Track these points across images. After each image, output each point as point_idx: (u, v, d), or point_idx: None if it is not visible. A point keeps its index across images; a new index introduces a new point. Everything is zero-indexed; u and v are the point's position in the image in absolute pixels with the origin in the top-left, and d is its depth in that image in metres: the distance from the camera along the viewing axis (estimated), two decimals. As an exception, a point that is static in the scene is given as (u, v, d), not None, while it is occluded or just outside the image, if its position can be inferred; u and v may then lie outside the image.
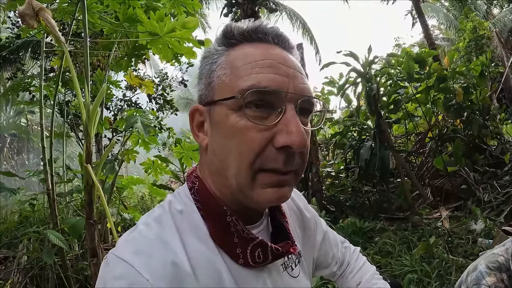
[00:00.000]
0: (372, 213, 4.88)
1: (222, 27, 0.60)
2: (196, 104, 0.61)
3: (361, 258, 0.95)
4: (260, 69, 0.53)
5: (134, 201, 6.67)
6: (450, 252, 3.35)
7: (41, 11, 1.88)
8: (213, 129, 0.57)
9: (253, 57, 0.55)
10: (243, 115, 0.52)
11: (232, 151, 0.53)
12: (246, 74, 0.53)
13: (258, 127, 0.52)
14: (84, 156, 1.53)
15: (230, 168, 0.54)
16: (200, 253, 0.54)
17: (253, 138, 0.52)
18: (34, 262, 2.87)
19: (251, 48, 0.57)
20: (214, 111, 0.56)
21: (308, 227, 0.80)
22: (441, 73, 4.95)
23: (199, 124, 0.61)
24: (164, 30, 1.76)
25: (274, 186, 0.53)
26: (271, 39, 0.58)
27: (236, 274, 0.56)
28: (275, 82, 0.53)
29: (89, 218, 1.53)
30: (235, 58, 0.56)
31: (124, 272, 0.49)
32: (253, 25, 0.58)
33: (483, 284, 1.40)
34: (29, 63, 6.36)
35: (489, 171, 5.00)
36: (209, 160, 0.59)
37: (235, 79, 0.54)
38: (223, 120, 0.54)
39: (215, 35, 0.62)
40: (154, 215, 0.58)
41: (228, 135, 0.54)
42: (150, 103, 6.67)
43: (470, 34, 8.72)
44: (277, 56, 0.56)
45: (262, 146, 0.52)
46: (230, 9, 8.79)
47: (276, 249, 0.59)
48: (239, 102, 0.52)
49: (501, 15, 12.47)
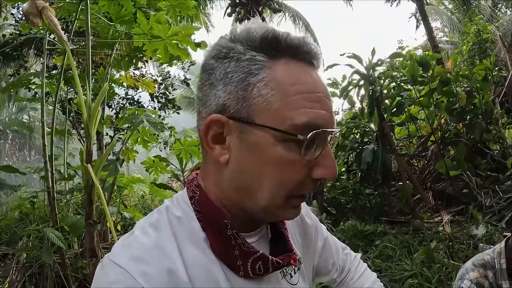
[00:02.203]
0: (373, 216, 4.86)
1: (265, 30, 0.52)
2: (216, 114, 0.52)
3: (362, 265, 0.94)
4: (312, 104, 0.51)
5: (135, 200, 6.67)
6: (451, 257, 3.34)
7: (45, 9, 1.88)
8: (245, 149, 0.53)
9: (304, 86, 0.52)
10: (292, 149, 0.51)
11: (271, 178, 0.52)
12: (299, 107, 0.50)
13: (302, 161, 0.52)
14: (85, 156, 1.52)
15: (263, 192, 0.53)
16: (198, 261, 0.53)
17: (298, 171, 0.52)
18: (33, 260, 2.87)
19: (299, 71, 0.53)
20: (252, 132, 0.51)
21: (309, 234, 0.79)
22: (445, 77, 4.93)
23: (217, 136, 0.54)
24: (168, 33, 1.77)
25: (297, 207, 0.57)
26: (310, 59, 0.55)
27: (234, 284, 0.55)
28: (324, 121, 0.52)
29: (89, 218, 1.53)
30: (285, 79, 0.51)
31: (119, 278, 0.48)
32: (298, 39, 0.53)
33: (466, 279, 1.50)
34: (32, 60, 6.38)
35: (491, 176, 4.97)
36: (228, 176, 0.55)
37: (285, 108, 0.50)
38: (266, 147, 0.51)
39: (241, 33, 0.54)
40: (151, 220, 0.56)
41: (270, 162, 0.51)
42: (152, 101, 6.69)
43: (473, 37, 8.68)
44: (322, 88, 0.54)
45: (303, 179, 0.53)
46: (234, 9, 8.79)
47: (277, 262, 0.58)
48: (293, 138, 0.50)
49: (505, 19, 12.43)
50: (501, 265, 1.49)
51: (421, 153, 6.15)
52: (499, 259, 1.51)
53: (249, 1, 8.67)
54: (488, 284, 1.49)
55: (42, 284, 2.81)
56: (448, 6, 15.58)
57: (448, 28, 14.82)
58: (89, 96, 1.59)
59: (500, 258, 1.50)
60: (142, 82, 4.12)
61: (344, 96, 5.30)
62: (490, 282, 1.49)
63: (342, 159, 5.96)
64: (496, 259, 1.51)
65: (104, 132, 5.64)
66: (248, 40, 0.52)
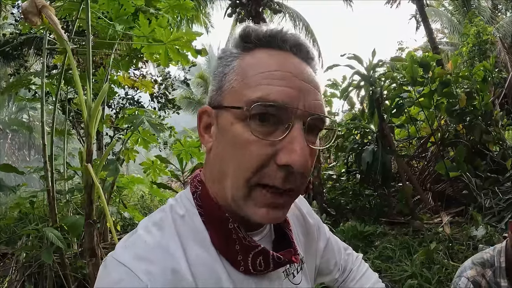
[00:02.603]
0: (372, 217, 4.86)
1: (240, 28, 0.57)
2: (205, 106, 0.59)
3: (363, 265, 0.94)
4: (271, 81, 0.50)
5: (134, 200, 6.66)
6: (450, 258, 3.34)
7: (44, 8, 1.87)
8: (219, 134, 0.55)
9: (267, 66, 0.52)
10: (248, 127, 0.50)
11: (231, 161, 0.52)
12: (256, 84, 0.51)
13: (261, 142, 0.49)
14: (85, 156, 1.51)
15: (227, 179, 0.52)
16: (201, 260, 0.53)
17: (254, 152, 0.50)
18: (33, 259, 2.86)
19: (267, 56, 0.54)
20: (221, 116, 0.54)
21: (311, 234, 0.79)
22: (445, 78, 4.94)
23: (207, 126, 0.58)
24: (170, 38, 1.77)
25: (268, 206, 0.51)
26: (289, 48, 0.55)
27: (236, 281, 0.55)
28: (285, 96, 0.50)
29: (88, 218, 1.52)
30: (248, 64, 0.54)
31: (123, 277, 0.48)
32: (271, 30, 0.55)
33: (463, 276, 1.54)
34: (32, 59, 6.38)
35: (491, 177, 4.97)
36: (211, 164, 0.57)
37: (244, 88, 0.52)
38: (228, 128, 0.53)
39: (233, 35, 0.59)
40: (155, 219, 0.56)
41: (230, 144, 0.52)
42: (152, 102, 6.68)
43: (473, 39, 8.69)
44: (293, 68, 0.53)
45: (262, 162, 0.50)
46: (234, 10, 8.80)
47: (277, 257, 0.57)
48: (244, 113, 0.50)
49: (505, 21, 12.44)
50: (500, 263, 1.52)
51: (420, 154, 6.15)
52: (499, 257, 1.54)
53: (249, 1, 8.68)
54: (485, 282, 1.52)
55: (41, 283, 2.80)
56: (448, 7, 15.60)
57: (448, 30, 14.84)
58: (89, 96, 1.59)
59: (500, 257, 1.54)
60: (140, 82, 4.11)
61: (344, 97, 5.30)
62: (488, 280, 1.51)
63: (342, 160, 5.96)
64: (496, 257, 1.54)
65: (103, 132, 5.63)
66: (232, 39, 0.58)
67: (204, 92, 20.20)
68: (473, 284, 1.51)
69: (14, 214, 4.80)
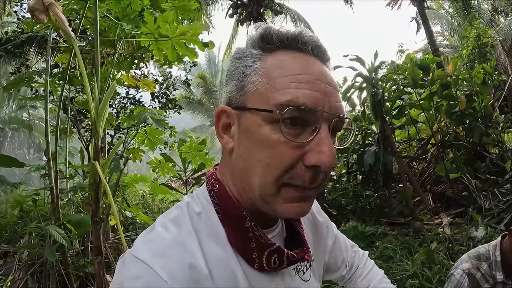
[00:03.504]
0: (373, 218, 4.88)
1: (260, 29, 0.57)
2: (223, 105, 0.59)
3: (369, 262, 0.95)
4: (298, 84, 0.52)
5: (135, 199, 6.67)
6: (451, 258, 3.35)
7: (51, 6, 1.88)
8: (241, 134, 0.56)
9: (292, 70, 0.53)
10: (277, 129, 0.51)
11: (260, 161, 0.53)
12: (283, 88, 0.52)
13: (291, 143, 0.51)
14: (92, 153, 1.52)
15: (256, 178, 0.54)
16: (217, 256, 0.54)
17: (284, 153, 0.51)
18: (35, 258, 2.86)
19: (289, 58, 0.55)
20: (245, 117, 0.55)
21: (320, 232, 0.80)
22: (445, 80, 4.96)
23: (225, 126, 0.59)
24: (176, 33, 1.78)
25: (297, 201, 0.54)
26: (310, 50, 0.56)
27: (250, 277, 0.56)
28: (312, 100, 0.52)
29: (95, 216, 1.53)
30: (272, 66, 0.55)
31: (142, 273, 0.48)
32: (293, 32, 0.56)
33: (459, 268, 1.60)
34: (34, 58, 6.37)
35: (490, 179, 4.99)
36: (233, 164, 0.58)
37: (271, 90, 0.53)
38: (255, 129, 0.53)
39: (249, 35, 0.59)
40: (171, 216, 0.57)
41: (258, 145, 0.53)
42: (153, 101, 6.68)
43: (473, 41, 8.71)
44: (316, 71, 0.54)
45: (292, 163, 0.51)
46: (235, 10, 8.82)
47: (292, 255, 0.59)
48: (275, 117, 0.51)
49: (505, 24, 12.48)
50: (496, 257, 1.58)
51: (421, 156, 6.17)
52: (494, 251, 1.59)
53: (250, 2, 8.70)
54: (480, 275, 1.57)
55: (44, 282, 2.80)
56: (449, 10, 15.64)
57: (448, 32, 14.88)
58: (97, 94, 1.60)
59: (496, 251, 1.59)
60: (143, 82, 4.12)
61: (346, 99, 5.32)
62: (483, 273, 1.57)
63: (343, 161, 5.97)
64: (491, 252, 1.59)
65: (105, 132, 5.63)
66: (251, 40, 0.58)
67: (204, 92, 20.20)
68: (468, 275, 1.56)
69: (15, 212, 4.79)
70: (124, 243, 1.55)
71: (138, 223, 4.11)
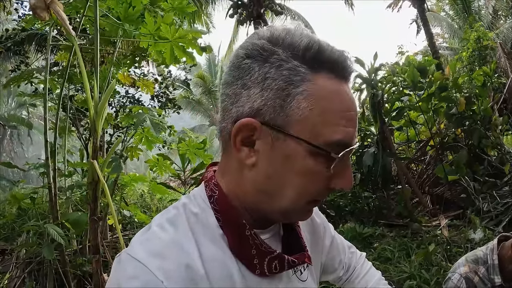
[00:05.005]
0: (371, 219, 4.88)
1: (305, 39, 0.51)
2: (249, 118, 0.52)
3: (367, 264, 0.95)
4: (346, 122, 0.53)
5: (134, 199, 6.66)
6: (448, 260, 3.36)
7: (52, 4, 1.88)
8: (274, 156, 0.53)
9: (342, 105, 0.53)
10: (323, 164, 0.53)
11: (296, 187, 0.54)
12: (335, 124, 0.52)
13: (325, 173, 0.54)
14: (91, 152, 1.52)
15: (285, 198, 0.55)
16: (214, 256, 0.54)
17: (321, 181, 0.54)
18: (33, 256, 2.86)
19: (336, 89, 0.53)
20: (285, 142, 0.52)
21: (317, 232, 0.80)
22: (443, 82, 4.96)
23: (246, 138, 0.54)
24: (175, 35, 1.78)
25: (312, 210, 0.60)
26: (348, 76, 0.55)
27: (247, 278, 0.56)
28: (352, 137, 0.54)
29: (93, 215, 1.53)
30: (322, 96, 0.51)
31: (138, 272, 0.48)
32: (339, 55, 0.53)
33: (457, 272, 1.59)
34: (34, 56, 6.36)
35: (489, 181, 5.00)
36: (251, 179, 0.56)
37: (322, 125, 0.51)
38: (298, 159, 0.52)
39: (290, 43, 0.52)
40: (168, 216, 0.57)
41: (297, 173, 0.53)
42: (152, 101, 6.67)
43: (473, 44, 8.72)
44: (355, 107, 0.56)
45: (324, 188, 0.55)
46: (236, 10, 8.82)
47: (292, 261, 0.59)
48: (326, 155, 0.52)
49: (505, 26, 12.50)
50: (493, 261, 1.57)
51: (420, 158, 6.18)
52: (492, 255, 1.59)
53: (251, 3, 8.70)
54: (478, 279, 1.56)
55: (41, 280, 2.80)
56: (449, 12, 15.67)
57: (448, 34, 14.90)
58: (96, 92, 1.60)
59: (493, 255, 1.58)
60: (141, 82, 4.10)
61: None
62: (481, 277, 1.56)
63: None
64: (489, 255, 1.59)
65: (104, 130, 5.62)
66: (291, 47, 0.51)
67: (203, 91, 20.19)
68: (466, 280, 1.56)
69: (13, 211, 4.78)
70: (121, 242, 1.55)
71: (136, 222, 4.11)
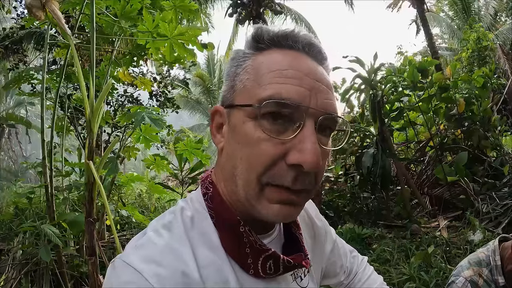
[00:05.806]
0: (370, 220, 4.87)
1: (253, 29, 0.58)
2: (217, 105, 0.59)
3: (368, 268, 0.95)
4: (283, 79, 0.50)
5: (132, 199, 6.64)
6: (448, 262, 3.35)
7: (48, 2, 1.86)
8: (229, 133, 0.55)
9: (278, 65, 0.52)
10: (259, 126, 0.50)
11: (243, 160, 0.52)
12: (267, 83, 0.51)
13: (272, 140, 0.49)
14: (86, 152, 1.50)
15: (240, 177, 0.52)
16: (210, 262, 0.53)
17: (265, 151, 0.49)
18: (29, 257, 2.83)
19: (279, 55, 0.54)
20: (233, 115, 0.55)
21: (318, 236, 0.79)
22: (443, 83, 4.96)
23: (219, 126, 0.59)
24: (174, 33, 1.75)
25: (282, 203, 0.51)
26: (301, 47, 0.55)
27: (245, 284, 0.55)
28: (296, 95, 0.49)
29: (89, 216, 1.51)
30: (260, 63, 0.54)
31: (132, 279, 0.47)
32: (284, 30, 0.56)
33: (461, 276, 1.55)
34: (32, 54, 6.34)
35: (488, 182, 5.00)
36: (223, 164, 0.57)
37: (256, 86, 0.52)
38: (239, 126, 0.53)
39: (245, 37, 0.60)
40: (164, 221, 0.56)
41: (241, 142, 0.52)
42: (151, 100, 6.65)
43: (473, 44, 8.73)
44: (305, 67, 0.53)
45: (273, 161, 0.49)
46: (235, 10, 8.80)
47: (288, 261, 0.57)
48: (255, 111, 0.50)
49: (505, 27, 12.53)
50: (496, 262, 1.55)
51: (419, 158, 6.17)
52: (494, 256, 1.57)
53: (250, 2, 8.68)
54: (482, 281, 1.55)
55: (38, 282, 2.77)
56: (449, 12, 15.70)
57: (448, 35, 14.93)
58: (92, 91, 1.58)
59: (495, 256, 1.56)
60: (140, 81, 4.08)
61: (345, 100, 5.31)
62: (485, 279, 1.53)
63: (340, 162, 5.97)
64: (491, 257, 1.56)
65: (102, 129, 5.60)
66: (245, 41, 0.59)
67: (202, 91, 20.18)
68: (471, 283, 1.53)
69: (10, 210, 4.75)
70: (118, 243, 1.53)
71: (134, 223, 4.09)
